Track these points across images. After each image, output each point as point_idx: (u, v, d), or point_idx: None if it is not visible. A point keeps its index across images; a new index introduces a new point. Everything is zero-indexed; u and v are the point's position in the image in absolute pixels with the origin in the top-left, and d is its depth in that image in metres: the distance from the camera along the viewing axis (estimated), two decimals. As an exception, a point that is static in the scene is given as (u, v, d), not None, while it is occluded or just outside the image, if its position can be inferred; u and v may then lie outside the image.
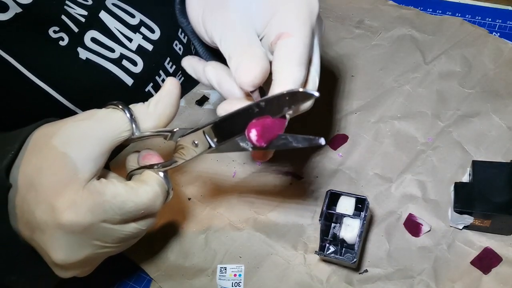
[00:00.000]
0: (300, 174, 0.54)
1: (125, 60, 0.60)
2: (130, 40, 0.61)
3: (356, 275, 0.46)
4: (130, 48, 0.61)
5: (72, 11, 0.54)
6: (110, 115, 0.38)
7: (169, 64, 0.66)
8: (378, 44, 0.64)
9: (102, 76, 0.58)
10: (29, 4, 0.50)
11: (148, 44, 0.63)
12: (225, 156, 0.57)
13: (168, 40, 0.66)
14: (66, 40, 0.54)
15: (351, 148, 0.55)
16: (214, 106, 0.63)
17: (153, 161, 0.41)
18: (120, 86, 0.60)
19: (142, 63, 0.62)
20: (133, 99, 0.63)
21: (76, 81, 0.56)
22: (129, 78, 0.61)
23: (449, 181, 0.49)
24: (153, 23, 0.63)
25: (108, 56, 0.58)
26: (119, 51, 0.60)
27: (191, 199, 0.54)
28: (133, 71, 0.61)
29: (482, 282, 0.43)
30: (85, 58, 0.56)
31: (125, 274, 0.52)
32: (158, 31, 0.64)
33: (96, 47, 0.57)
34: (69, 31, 0.54)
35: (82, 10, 0.56)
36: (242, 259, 0.49)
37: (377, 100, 0.58)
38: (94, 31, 0.57)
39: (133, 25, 0.61)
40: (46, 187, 0.35)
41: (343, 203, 0.45)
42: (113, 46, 0.59)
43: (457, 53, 0.60)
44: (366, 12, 0.68)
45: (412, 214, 0.48)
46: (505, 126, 0.52)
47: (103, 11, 0.58)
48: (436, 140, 0.53)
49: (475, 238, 0.46)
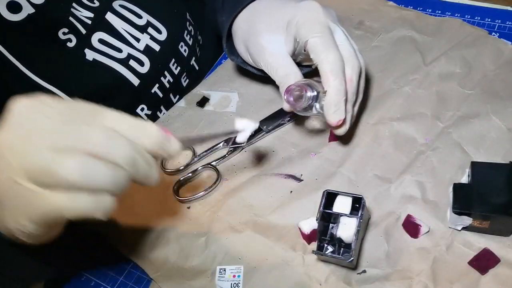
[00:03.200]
0: (300, 176, 0.54)
1: (132, 60, 0.61)
2: (138, 40, 0.61)
3: (355, 275, 0.46)
4: (137, 48, 0.61)
5: (78, 13, 0.55)
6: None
7: (174, 65, 0.67)
8: (378, 46, 0.64)
9: (109, 76, 0.59)
10: (42, 4, 0.50)
11: (155, 44, 0.63)
12: (226, 160, 0.57)
13: (174, 42, 0.66)
14: (74, 41, 0.55)
15: (350, 149, 0.55)
16: (214, 107, 0.63)
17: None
18: (127, 86, 0.61)
19: (148, 63, 0.62)
20: (139, 99, 0.64)
21: (82, 82, 0.57)
22: (136, 79, 0.61)
23: (448, 182, 0.49)
24: (160, 24, 0.64)
25: (115, 57, 0.59)
26: (126, 51, 0.60)
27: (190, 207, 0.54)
28: (140, 72, 0.62)
29: (480, 283, 0.43)
30: (92, 59, 0.57)
31: (125, 274, 0.52)
32: (165, 32, 0.64)
33: (103, 48, 0.58)
34: (77, 33, 0.55)
35: (88, 12, 0.56)
36: (241, 261, 0.49)
37: (376, 102, 0.58)
38: (101, 33, 0.58)
39: (141, 26, 0.62)
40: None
41: (340, 203, 0.45)
42: (120, 46, 0.60)
43: (457, 54, 0.60)
44: (366, 13, 0.68)
45: (410, 215, 0.48)
46: (505, 127, 0.52)
47: (110, 13, 0.59)
48: (436, 141, 0.53)
49: (474, 239, 0.46)
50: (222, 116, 0.62)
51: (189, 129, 0.61)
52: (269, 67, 0.52)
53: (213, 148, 0.58)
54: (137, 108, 0.64)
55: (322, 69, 0.47)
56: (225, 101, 0.64)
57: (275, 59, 0.51)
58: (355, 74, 0.49)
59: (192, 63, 0.71)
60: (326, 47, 0.47)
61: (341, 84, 0.47)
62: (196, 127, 0.61)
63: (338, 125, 0.49)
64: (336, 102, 0.47)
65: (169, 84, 0.66)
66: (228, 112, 0.62)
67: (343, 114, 0.48)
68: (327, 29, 0.48)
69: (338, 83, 0.47)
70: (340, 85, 0.47)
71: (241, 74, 0.66)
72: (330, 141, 0.56)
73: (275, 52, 0.52)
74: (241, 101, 0.63)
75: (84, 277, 0.53)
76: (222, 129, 0.60)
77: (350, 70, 0.49)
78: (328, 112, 0.48)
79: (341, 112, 0.48)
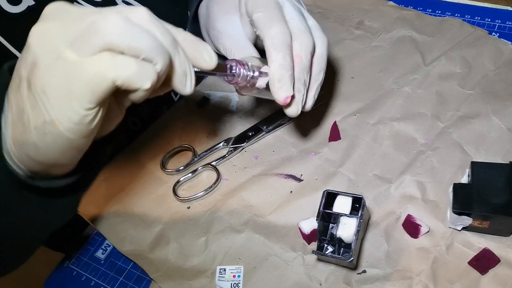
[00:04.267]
0: (300, 176, 0.54)
1: None
2: None
3: (355, 275, 0.46)
4: None
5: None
6: None
7: None
8: (378, 46, 0.64)
9: None
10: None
11: None
12: (226, 160, 0.57)
13: None
14: None
15: (350, 149, 0.55)
16: (214, 107, 0.63)
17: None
18: None
19: None
20: None
21: None
22: None
23: (448, 182, 0.49)
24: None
25: None
26: None
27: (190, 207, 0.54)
28: None
29: (480, 283, 0.43)
30: None
31: (125, 274, 0.52)
32: None
33: None
34: None
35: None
36: (241, 261, 0.49)
37: (376, 102, 0.58)
38: None
39: None
40: None
41: (339, 203, 0.45)
42: None
43: (457, 54, 0.60)
44: (366, 13, 0.68)
45: (411, 215, 0.48)
46: (505, 127, 0.52)
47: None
48: (436, 141, 0.53)
49: (474, 239, 0.46)
50: (222, 116, 0.62)
51: (189, 129, 0.61)
52: (227, 51, 0.51)
53: (213, 148, 0.58)
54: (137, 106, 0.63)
55: (265, 44, 0.44)
56: (225, 101, 0.64)
57: (232, 42, 0.50)
58: (304, 50, 0.45)
59: None
60: (269, 21, 0.44)
61: (285, 59, 0.44)
62: (196, 127, 0.61)
63: (286, 104, 0.45)
64: (279, 77, 0.44)
65: None
66: (228, 112, 0.62)
67: (290, 91, 0.44)
68: (272, 3, 0.46)
69: (280, 58, 0.44)
70: (283, 60, 0.44)
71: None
72: (330, 141, 0.56)
73: (232, 34, 0.51)
74: (241, 101, 0.63)
75: (84, 277, 0.53)
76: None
77: (299, 46, 0.45)
78: (273, 89, 0.44)
79: (286, 88, 0.44)
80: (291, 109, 0.46)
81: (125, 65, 0.30)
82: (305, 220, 0.49)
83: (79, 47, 0.29)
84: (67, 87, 0.30)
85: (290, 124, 0.59)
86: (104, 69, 0.29)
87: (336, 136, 0.56)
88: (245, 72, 0.43)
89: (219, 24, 0.52)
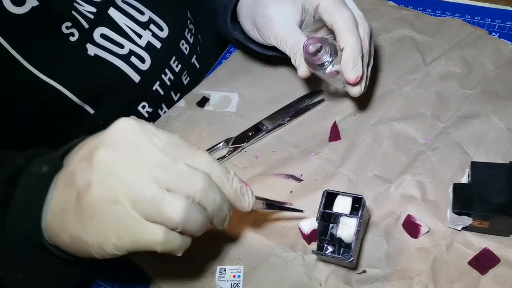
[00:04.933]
0: (300, 176, 0.54)
1: (133, 57, 0.61)
2: (140, 37, 0.61)
3: (355, 275, 0.46)
4: (139, 44, 0.61)
5: (81, 8, 0.55)
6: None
7: (175, 63, 0.67)
8: (378, 46, 0.64)
9: (109, 72, 0.59)
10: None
11: (157, 41, 0.63)
12: (226, 160, 0.57)
13: (175, 39, 0.66)
14: (76, 35, 0.55)
15: (350, 149, 0.55)
16: (214, 107, 0.63)
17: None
18: (128, 83, 0.61)
19: (150, 60, 0.62)
20: (140, 96, 0.64)
21: (83, 77, 0.56)
22: (137, 75, 0.61)
23: (448, 182, 0.49)
24: (162, 20, 0.64)
25: (117, 52, 0.59)
26: (128, 47, 0.60)
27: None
28: (141, 68, 0.62)
29: (480, 283, 0.43)
30: (94, 54, 0.57)
31: (125, 274, 0.52)
32: (166, 29, 0.64)
33: (105, 43, 0.58)
34: (80, 27, 0.55)
35: (90, 7, 0.56)
36: (241, 261, 0.49)
37: (376, 102, 0.58)
38: (103, 28, 0.58)
39: (143, 22, 0.62)
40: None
41: (339, 203, 0.45)
42: (122, 42, 0.60)
43: (457, 54, 0.60)
44: (366, 13, 0.67)
45: (411, 215, 0.48)
46: (505, 127, 0.52)
47: (112, 8, 0.59)
48: (436, 141, 0.53)
49: (474, 239, 0.46)
50: (222, 116, 0.62)
51: (189, 129, 0.61)
52: (278, 38, 0.52)
53: (213, 148, 0.58)
54: (138, 106, 0.64)
55: (337, 28, 0.48)
56: (225, 101, 0.64)
57: (284, 29, 0.52)
58: (367, 35, 0.50)
59: (193, 61, 0.71)
60: (339, 7, 0.48)
61: (358, 41, 0.48)
62: (196, 127, 0.61)
63: (356, 83, 0.49)
64: (354, 58, 0.48)
65: (170, 82, 0.66)
66: (228, 112, 0.62)
67: (361, 70, 0.49)
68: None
69: (355, 40, 0.48)
70: (357, 42, 0.48)
71: (241, 74, 0.66)
72: (330, 141, 0.56)
73: (283, 22, 0.52)
74: (241, 101, 0.63)
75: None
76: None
77: (363, 31, 0.50)
78: (347, 69, 0.48)
79: (359, 68, 0.49)
80: (356, 88, 0.51)
81: (172, 241, 0.35)
82: (305, 220, 0.49)
83: (141, 209, 0.33)
84: (114, 231, 0.34)
85: (290, 124, 0.59)
86: (156, 240, 0.34)
87: (336, 136, 0.56)
88: (327, 48, 0.47)
89: (270, 11, 0.53)
